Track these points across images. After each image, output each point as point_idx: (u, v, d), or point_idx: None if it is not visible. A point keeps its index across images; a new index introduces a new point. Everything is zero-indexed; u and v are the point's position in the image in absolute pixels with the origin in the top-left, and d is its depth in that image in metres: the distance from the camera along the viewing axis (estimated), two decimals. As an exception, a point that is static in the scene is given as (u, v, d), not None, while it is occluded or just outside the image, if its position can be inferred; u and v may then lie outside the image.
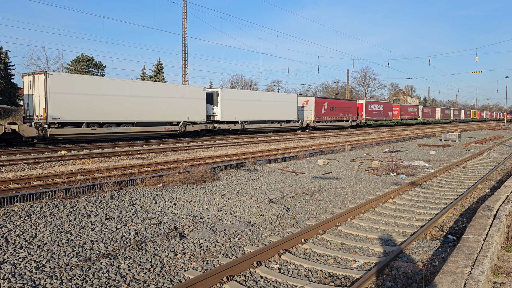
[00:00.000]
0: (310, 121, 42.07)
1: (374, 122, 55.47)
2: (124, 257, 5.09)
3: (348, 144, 23.07)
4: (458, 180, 11.41)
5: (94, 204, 7.62)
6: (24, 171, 11.77)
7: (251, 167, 13.17)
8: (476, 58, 39.91)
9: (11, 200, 7.42)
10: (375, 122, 55.72)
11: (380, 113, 56.78)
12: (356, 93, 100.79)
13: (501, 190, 8.04)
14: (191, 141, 24.94)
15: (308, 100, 42.63)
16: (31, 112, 21.45)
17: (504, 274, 4.35)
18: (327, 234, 6.20)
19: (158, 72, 65.08)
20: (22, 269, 4.63)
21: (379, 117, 56.59)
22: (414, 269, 4.79)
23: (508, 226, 5.93)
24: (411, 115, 67.99)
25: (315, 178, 11.46)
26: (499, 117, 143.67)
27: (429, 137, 32.07)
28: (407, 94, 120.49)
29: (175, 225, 6.51)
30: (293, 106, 39.15)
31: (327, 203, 8.35)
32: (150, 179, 9.64)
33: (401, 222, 6.96)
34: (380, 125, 57.83)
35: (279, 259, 5.15)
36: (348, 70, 73.94)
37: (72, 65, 59.01)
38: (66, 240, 5.65)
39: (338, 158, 16.31)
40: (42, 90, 20.66)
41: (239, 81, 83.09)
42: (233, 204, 7.96)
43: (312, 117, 42.10)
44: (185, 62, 47.18)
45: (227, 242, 5.77)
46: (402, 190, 9.40)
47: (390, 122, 60.02)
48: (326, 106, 44.66)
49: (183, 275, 4.59)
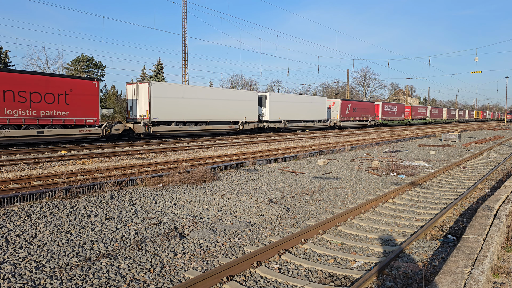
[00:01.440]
0: (337, 121, 47.45)
1: (389, 122, 60.43)
2: (124, 257, 5.09)
3: (348, 144, 23.08)
4: (458, 180, 11.41)
5: (94, 204, 7.62)
6: (24, 171, 11.77)
7: (251, 167, 13.17)
8: (476, 58, 39.90)
9: (11, 200, 7.42)
10: (390, 122, 60.71)
11: (394, 114, 62.01)
12: (356, 93, 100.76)
13: (501, 190, 8.04)
14: (191, 141, 25.00)
15: (334, 102, 48.01)
16: (134, 114, 26.62)
17: (504, 274, 4.35)
18: (327, 234, 6.20)
19: (158, 72, 65.06)
20: (22, 269, 4.63)
21: (393, 117, 61.80)
22: (414, 269, 4.79)
23: (508, 226, 5.93)
24: (420, 115, 73.09)
25: (315, 178, 11.46)
26: (501, 117, 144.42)
27: (429, 137, 32.07)
28: (407, 94, 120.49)
29: (175, 225, 6.51)
30: (323, 107, 44.50)
31: (327, 203, 8.35)
32: (150, 179, 9.64)
33: (401, 222, 6.96)
34: (394, 124, 62.81)
35: (279, 259, 5.15)
36: (348, 70, 73.92)
37: (72, 65, 58.99)
38: (66, 240, 5.65)
39: (338, 158, 16.31)
40: (146, 95, 25.73)
41: (239, 81, 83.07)
42: (233, 204, 7.96)
43: (338, 117, 47.58)
44: (185, 62, 47.20)
45: (227, 242, 5.77)
46: (402, 190, 9.40)
47: (402, 122, 64.71)
48: (350, 107, 49.65)
49: (183, 275, 4.59)
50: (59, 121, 21.27)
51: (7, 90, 19.24)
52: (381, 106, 57.69)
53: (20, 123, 19.81)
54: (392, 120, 61.17)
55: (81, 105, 22.18)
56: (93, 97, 22.77)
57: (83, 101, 22.30)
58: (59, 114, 21.33)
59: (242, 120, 33.21)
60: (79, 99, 22.10)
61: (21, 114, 19.80)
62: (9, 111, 19.35)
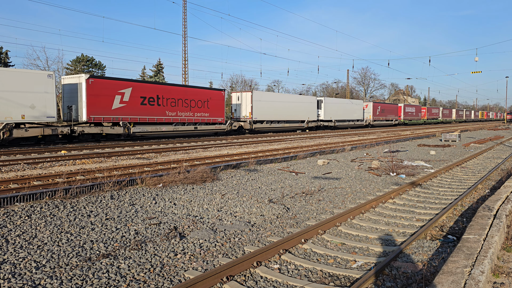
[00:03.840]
0: (370, 120, 56.15)
1: (409, 121, 69.20)
2: (124, 257, 5.09)
3: (348, 144, 23.07)
4: (458, 180, 11.40)
5: (94, 204, 7.62)
6: (24, 171, 11.77)
7: (251, 167, 13.17)
8: (476, 58, 39.81)
9: (11, 200, 7.42)
10: (409, 121, 69.50)
11: (413, 114, 70.77)
12: (356, 93, 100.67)
13: (501, 190, 8.04)
14: (191, 141, 25.02)
15: (367, 104, 56.48)
16: (238, 114, 35.37)
17: (504, 274, 4.35)
18: (327, 234, 6.20)
19: (158, 72, 65.05)
20: (22, 269, 4.63)
21: (412, 117, 70.64)
22: (414, 269, 4.79)
23: (508, 226, 5.93)
24: (434, 115, 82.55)
25: (315, 178, 11.46)
26: (503, 117, 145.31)
27: (429, 137, 32.07)
28: (407, 94, 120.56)
29: (175, 225, 6.51)
30: (360, 109, 53.59)
31: (327, 203, 8.35)
32: (150, 179, 9.64)
33: (401, 222, 6.96)
34: (413, 123, 71.65)
35: (279, 259, 5.15)
36: (348, 70, 73.96)
37: (72, 65, 58.97)
38: (66, 240, 5.65)
39: (338, 158, 16.31)
40: (249, 100, 34.55)
41: (239, 81, 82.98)
42: (233, 204, 7.96)
43: (370, 117, 56.30)
44: (185, 62, 47.19)
45: (227, 242, 5.77)
46: (402, 190, 9.40)
47: (419, 121, 73.70)
48: (379, 109, 58.69)
49: (183, 275, 4.59)
50: (204, 120, 30.37)
51: (179, 99, 28.10)
52: (403, 107, 66.94)
53: (184, 122, 28.84)
54: (411, 120, 70.01)
55: (215, 108, 31.23)
56: (221, 102, 31.94)
57: (216, 106, 31.35)
58: (205, 115, 30.41)
59: (306, 119, 42.00)
60: (214, 104, 31.14)
61: (186, 115, 28.78)
62: (180, 113, 28.35)
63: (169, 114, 27.43)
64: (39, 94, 19.82)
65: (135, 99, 25.09)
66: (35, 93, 19.65)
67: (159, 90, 26.90)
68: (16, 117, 19.12)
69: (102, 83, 23.31)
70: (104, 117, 23.31)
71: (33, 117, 19.81)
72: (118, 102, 24.08)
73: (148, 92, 26.04)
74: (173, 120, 27.79)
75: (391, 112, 62.29)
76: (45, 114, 20.15)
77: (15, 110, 19.05)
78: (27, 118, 19.55)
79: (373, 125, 56.82)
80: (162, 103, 26.88)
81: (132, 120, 24.96)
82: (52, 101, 20.41)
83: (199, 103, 29.55)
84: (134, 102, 25.03)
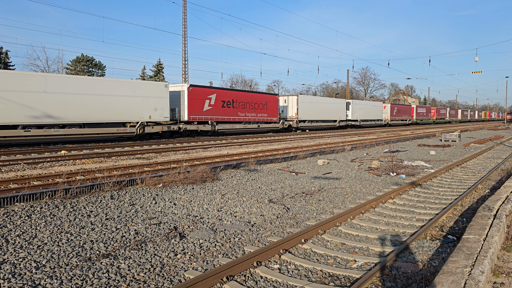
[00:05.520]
0: (388, 120, 61.41)
1: (420, 121, 74.45)
2: (124, 257, 5.09)
3: (348, 144, 23.07)
4: (458, 180, 11.40)
5: (94, 204, 7.62)
6: (24, 171, 11.77)
7: (251, 167, 13.17)
8: (476, 58, 39.83)
9: (11, 200, 7.42)
10: (421, 121, 74.77)
11: (424, 114, 75.88)
12: (356, 93, 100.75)
13: (501, 190, 8.04)
14: (191, 141, 25.04)
15: (385, 106, 61.86)
16: (285, 115, 40.74)
17: (504, 274, 4.35)
18: (327, 234, 6.20)
19: (158, 72, 65.07)
20: (22, 269, 4.63)
21: (423, 117, 75.85)
22: (414, 269, 4.79)
23: (508, 226, 5.93)
24: (442, 115, 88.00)
25: (315, 178, 11.46)
26: (504, 117, 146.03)
27: (429, 137, 32.07)
28: (407, 94, 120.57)
29: (175, 225, 6.51)
30: (380, 109, 59.32)
31: (327, 203, 8.35)
32: (150, 179, 9.64)
33: (401, 222, 6.96)
34: (424, 123, 76.84)
35: (279, 259, 5.15)
36: (348, 70, 74.14)
37: (72, 65, 58.98)
38: (66, 240, 5.65)
39: (338, 158, 16.31)
40: (295, 103, 40.05)
41: (239, 81, 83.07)
42: (233, 204, 7.96)
43: (388, 117, 61.52)
44: (185, 62, 47.20)
45: (227, 242, 5.77)
46: (402, 190, 9.40)
47: (429, 121, 79.05)
48: (396, 109, 64.28)
49: (183, 275, 4.59)
50: (264, 119, 36.27)
51: (247, 102, 34.08)
52: (415, 108, 72.24)
53: (250, 121, 34.63)
54: (422, 120, 75.13)
55: (271, 110, 37.26)
56: (276, 104, 38.01)
57: (272, 108, 37.39)
58: (264, 116, 36.33)
59: (338, 119, 47.51)
60: (271, 106, 37.19)
61: (251, 116, 34.67)
62: (248, 114, 34.26)
63: (240, 114, 33.51)
64: (159, 99, 25.57)
65: (218, 102, 31.01)
66: (157, 98, 25.41)
67: (233, 95, 33.13)
68: (146, 118, 24.88)
69: (197, 91, 29.07)
70: (198, 117, 29.00)
71: (156, 118, 25.52)
72: (207, 105, 29.87)
73: (226, 97, 31.98)
74: (243, 120, 33.75)
75: (405, 112, 68.23)
76: (163, 115, 25.92)
77: (145, 112, 24.81)
78: (152, 118, 25.29)
79: (391, 124, 62.63)
80: (235, 106, 32.94)
81: (215, 119, 30.74)
82: (167, 105, 26.14)
83: (260, 105, 35.63)
84: (217, 105, 30.91)
